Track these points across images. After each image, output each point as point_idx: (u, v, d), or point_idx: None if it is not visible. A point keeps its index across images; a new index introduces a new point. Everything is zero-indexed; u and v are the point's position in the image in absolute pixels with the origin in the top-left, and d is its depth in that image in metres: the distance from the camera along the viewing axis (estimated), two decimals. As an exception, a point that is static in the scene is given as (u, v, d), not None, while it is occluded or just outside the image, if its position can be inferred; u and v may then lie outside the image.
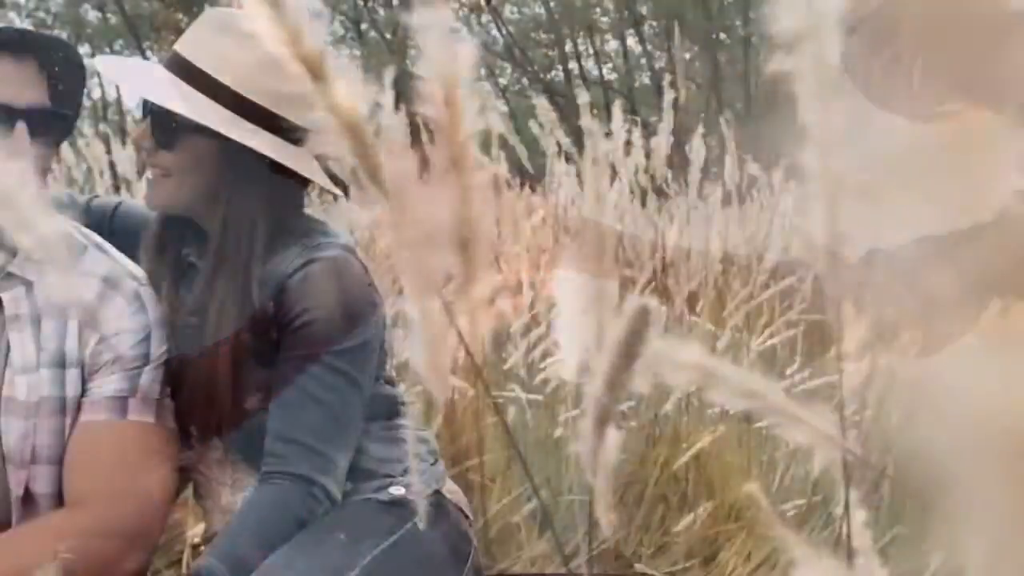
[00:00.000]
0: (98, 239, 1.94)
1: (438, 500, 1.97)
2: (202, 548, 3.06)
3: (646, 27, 29.07)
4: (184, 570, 3.05)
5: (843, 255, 0.64)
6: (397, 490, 1.90)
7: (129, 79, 2.00)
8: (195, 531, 3.12)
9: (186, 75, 1.84)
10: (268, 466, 1.82)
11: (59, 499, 1.83)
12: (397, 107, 2.63)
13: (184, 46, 1.87)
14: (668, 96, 3.93)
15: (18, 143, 1.78)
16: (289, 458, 1.80)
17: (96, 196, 2.22)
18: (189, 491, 2.14)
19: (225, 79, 1.82)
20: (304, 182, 1.93)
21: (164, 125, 1.84)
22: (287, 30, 0.58)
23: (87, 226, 1.97)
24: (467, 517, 2.05)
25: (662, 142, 4.13)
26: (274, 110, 1.82)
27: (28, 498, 1.82)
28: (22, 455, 1.81)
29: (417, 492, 1.90)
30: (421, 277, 0.61)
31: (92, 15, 28.43)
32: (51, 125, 1.85)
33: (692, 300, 4.22)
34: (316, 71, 0.59)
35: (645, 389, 0.66)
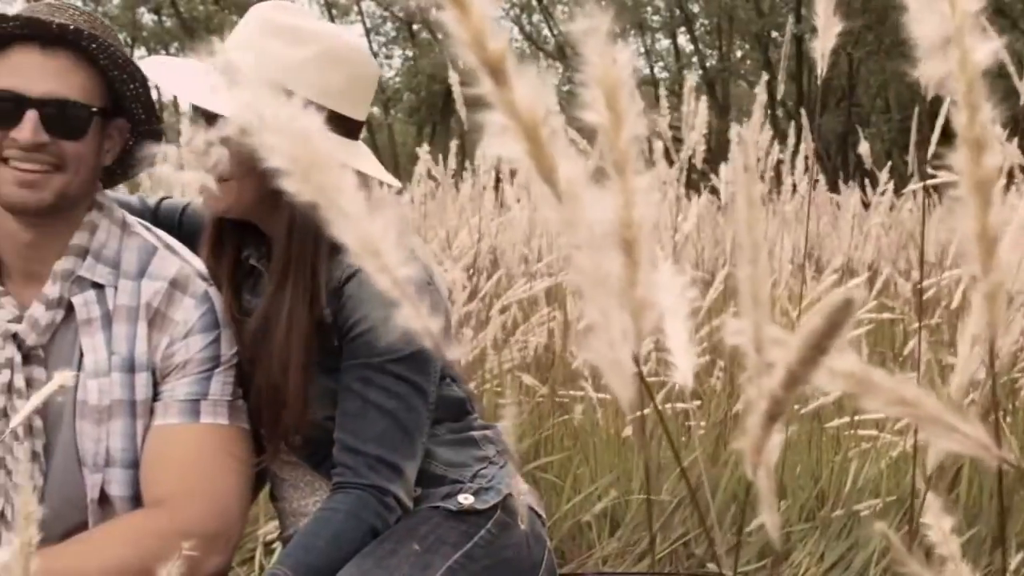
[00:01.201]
0: (169, 240, 1.93)
1: (509, 505, 1.93)
2: (274, 547, 3.09)
3: (697, 25, 28.92)
4: (256, 568, 3.06)
5: (996, 255, 0.63)
6: (466, 499, 1.88)
7: (172, 80, 1.92)
8: (267, 529, 3.14)
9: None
10: (338, 476, 1.81)
11: (135, 502, 1.84)
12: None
13: (230, 45, 1.84)
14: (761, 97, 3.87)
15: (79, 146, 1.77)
16: (358, 469, 1.79)
17: (167, 197, 2.21)
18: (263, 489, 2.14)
19: (273, 76, 1.78)
20: (362, 177, 1.90)
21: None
22: (471, 32, 0.58)
23: (158, 227, 1.97)
24: (540, 517, 2.02)
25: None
26: (325, 104, 1.79)
27: (104, 500, 1.83)
28: (96, 459, 1.82)
29: (485, 501, 1.89)
30: (595, 278, 0.61)
31: (148, 18, 28.74)
32: (72, 119, 1.80)
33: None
34: (498, 73, 0.59)
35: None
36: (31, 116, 1.75)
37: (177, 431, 1.83)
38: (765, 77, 3.84)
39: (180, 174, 0.89)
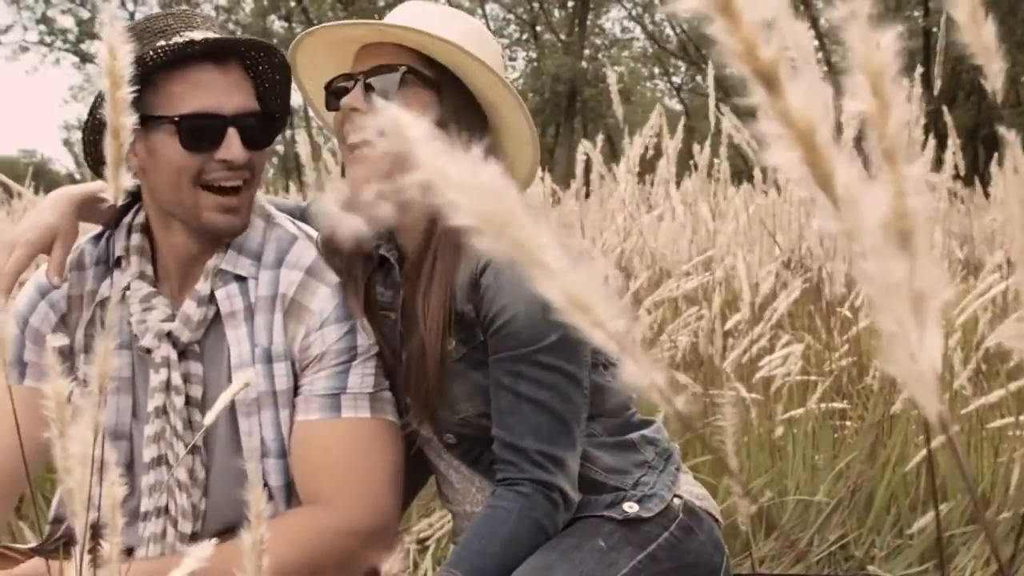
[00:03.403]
0: (309, 230, 1.96)
1: (690, 508, 1.91)
2: (428, 544, 3.12)
3: (821, 20, 28.43)
4: (410, 565, 3.10)
5: None
6: (631, 507, 1.84)
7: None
8: (420, 527, 3.18)
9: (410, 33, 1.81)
10: (502, 473, 1.79)
11: (288, 490, 1.87)
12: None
13: (396, 20, 1.86)
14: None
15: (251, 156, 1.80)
16: (521, 465, 1.76)
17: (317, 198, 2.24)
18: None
19: (447, 36, 1.79)
20: (501, 164, 1.89)
21: (384, 78, 1.81)
22: (743, 42, 0.58)
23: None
24: (717, 522, 1.97)
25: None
26: (498, 71, 1.82)
27: (265, 490, 1.86)
28: (252, 450, 1.86)
29: (649, 510, 1.85)
30: (886, 286, 0.59)
31: (278, 25, 29.34)
32: (261, 128, 1.85)
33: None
34: (771, 82, 0.58)
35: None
36: (232, 134, 1.79)
37: (320, 427, 1.85)
38: (920, 70, 3.74)
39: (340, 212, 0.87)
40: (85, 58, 34.24)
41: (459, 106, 1.83)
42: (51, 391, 1.07)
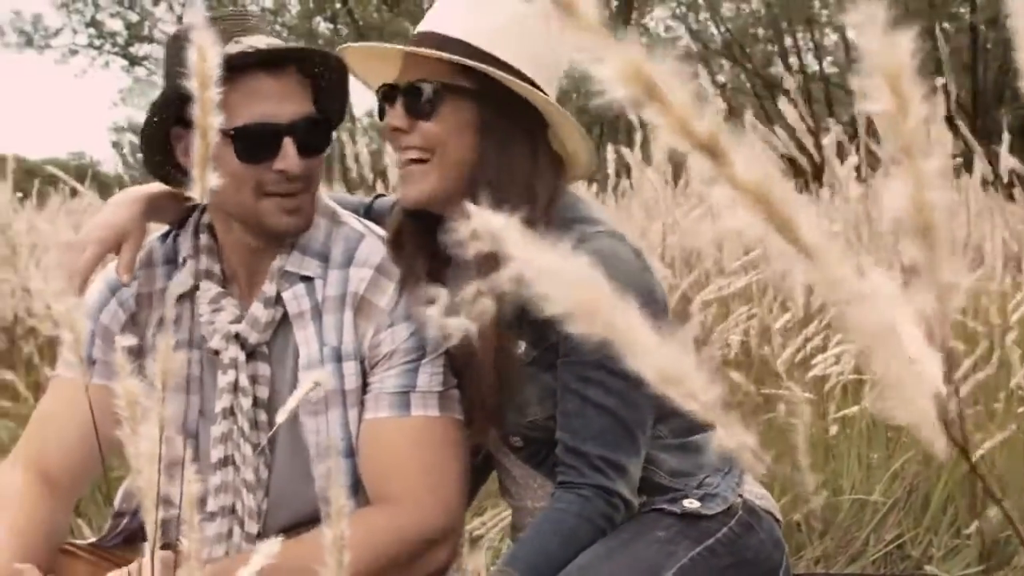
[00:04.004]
0: (378, 229, 1.96)
1: (749, 507, 1.90)
2: (481, 542, 3.12)
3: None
4: (463, 562, 3.10)
5: None
6: (691, 503, 1.84)
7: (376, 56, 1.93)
8: (472, 525, 3.18)
9: (439, 44, 1.80)
10: (563, 475, 1.79)
11: (354, 490, 1.86)
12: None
13: (427, 23, 1.86)
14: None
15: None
16: (582, 469, 1.76)
17: (381, 195, 2.22)
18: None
19: (476, 42, 1.80)
20: (560, 163, 1.89)
21: (420, 94, 1.80)
22: (676, 120, 0.60)
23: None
24: (778, 521, 1.97)
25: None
26: (524, 70, 1.81)
27: None
28: (318, 449, 1.86)
29: (710, 508, 1.84)
30: (876, 336, 0.61)
31: (323, 27, 29.47)
32: (317, 133, 1.85)
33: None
34: (714, 153, 0.61)
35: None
36: (289, 144, 1.79)
37: (389, 425, 1.85)
38: (940, 81, 3.71)
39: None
40: (134, 61, 34.56)
41: (505, 109, 1.81)
42: (122, 390, 1.08)
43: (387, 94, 1.86)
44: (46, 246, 5.79)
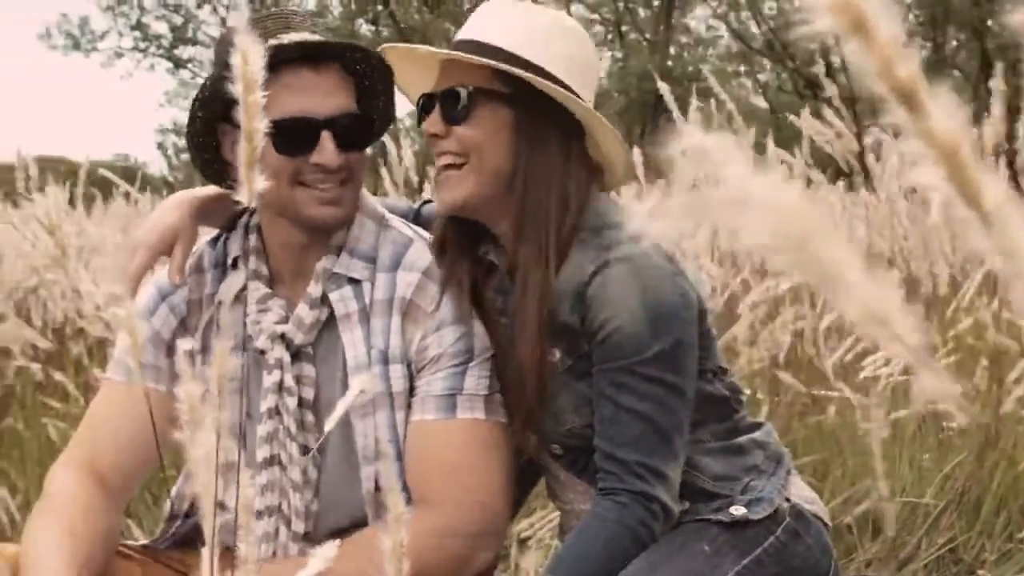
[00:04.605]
0: (426, 234, 1.96)
1: (796, 511, 1.88)
2: (529, 544, 3.12)
3: (910, 16, 27.99)
4: (512, 565, 3.10)
5: None
6: (737, 510, 1.82)
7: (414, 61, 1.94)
8: (520, 527, 3.18)
9: (476, 50, 1.81)
10: (602, 482, 1.78)
11: (403, 493, 1.85)
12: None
13: (466, 32, 1.86)
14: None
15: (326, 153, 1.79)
16: (620, 476, 1.76)
17: (428, 201, 2.21)
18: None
19: (513, 47, 1.80)
20: (595, 169, 1.88)
21: (456, 99, 1.81)
22: (879, 60, 0.56)
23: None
24: (826, 525, 1.94)
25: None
26: (558, 75, 1.81)
27: (377, 492, 1.85)
28: (366, 451, 1.86)
29: (757, 513, 1.82)
30: None
31: (365, 28, 29.61)
32: (357, 129, 1.85)
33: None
34: (911, 100, 0.57)
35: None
36: (327, 137, 1.79)
37: (435, 427, 1.84)
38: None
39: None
40: (178, 63, 34.86)
41: (540, 114, 1.81)
42: (183, 394, 1.08)
43: (426, 103, 1.87)
44: (93, 248, 5.85)
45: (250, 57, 1.04)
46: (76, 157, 5.66)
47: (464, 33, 1.87)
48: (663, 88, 4.28)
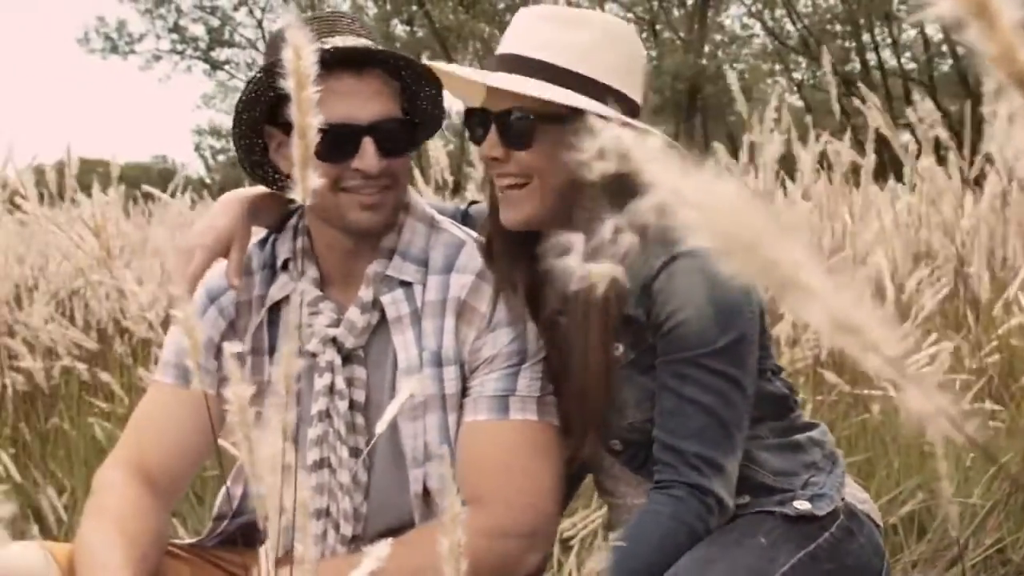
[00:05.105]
0: (474, 234, 1.96)
1: (850, 510, 1.88)
2: (571, 544, 3.11)
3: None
4: (554, 565, 3.09)
5: None
6: (802, 504, 1.82)
7: (499, 79, 1.88)
8: (563, 526, 3.17)
9: (523, 68, 1.80)
10: (659, 474, 1.79)
11: None
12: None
13: (509, 44, 1.85)
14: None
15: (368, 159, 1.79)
16: (678, 468, 1.76)
17: (475, 202, 2.23)
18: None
19: (561, 62, 1.79)
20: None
21: (514, 126, 1.80)
22: (1000, 45, 0.55)
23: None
24: (877, 525, 1.94)
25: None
26: (611, 83, 1.80)
27: (426, 494, 1.87)
28: (415, 453, 1.86)
29: (820, 508, 1.82)
30: None
31: (400, 29, 29.65)
32: (400, 135, 1.84)
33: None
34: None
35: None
36: (368, 143, 1.79)
37: (487, 428, 1.84)
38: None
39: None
40: (215, 65, 35.07)
41: None
42: (233, 396, 1.08)
43: (480, 119, 1.86)
44: (135, 249, 5.90)
45: (303, 52, 1.04)
46: (115, 159, 5.69)
47: (509, 46, 1.85)
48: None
